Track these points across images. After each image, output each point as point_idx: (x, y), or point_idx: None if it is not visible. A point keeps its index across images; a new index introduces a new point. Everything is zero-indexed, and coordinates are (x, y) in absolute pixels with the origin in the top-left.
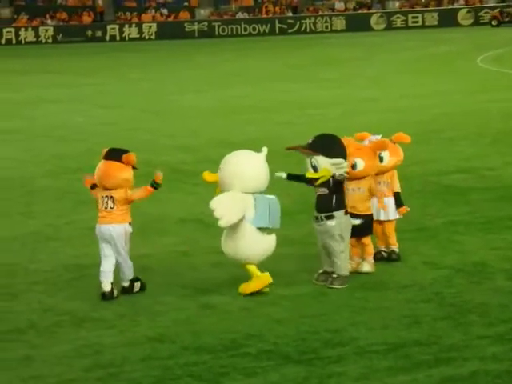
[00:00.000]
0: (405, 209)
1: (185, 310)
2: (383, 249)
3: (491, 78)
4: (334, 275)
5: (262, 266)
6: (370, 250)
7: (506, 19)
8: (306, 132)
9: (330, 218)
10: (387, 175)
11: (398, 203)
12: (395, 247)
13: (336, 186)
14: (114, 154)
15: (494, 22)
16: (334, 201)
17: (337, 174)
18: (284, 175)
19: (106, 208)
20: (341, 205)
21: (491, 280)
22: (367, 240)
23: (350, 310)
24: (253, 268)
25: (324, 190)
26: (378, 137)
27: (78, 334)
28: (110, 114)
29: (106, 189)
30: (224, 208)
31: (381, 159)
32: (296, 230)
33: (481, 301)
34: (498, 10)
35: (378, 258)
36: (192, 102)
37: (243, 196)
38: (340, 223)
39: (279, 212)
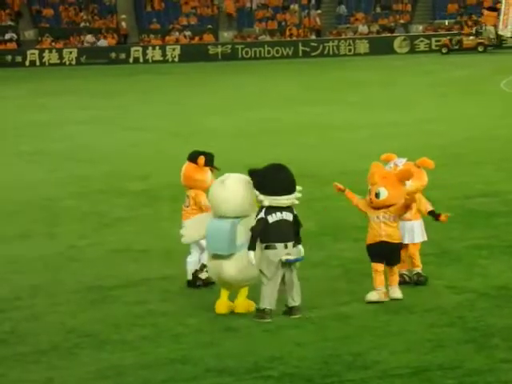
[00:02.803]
0: (444, 216)
1: (208, 332)
2: (405, 272)
3: None
4: (257, 307)
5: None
6: (397, 278)
7: (456, 47)
8: (330, 155)
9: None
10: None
11: (436, 216)
12: (419, 269)
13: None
14: (193, 157)
15: (443, 50)
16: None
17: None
18: None
19: (185, 206)
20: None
21: None
22: (396, 269)
23: (373, 334)
24: (221, 291)
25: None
26: (404, 160)
27: (100, 355)
28: (133, 136)
29: (189, 188)
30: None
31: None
32: (318, 253)
33: (504, 325)
34: (448, 37)
35: (401, 281)
36: (216, 124)
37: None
38: (258, 258)
39: (223, 238)
